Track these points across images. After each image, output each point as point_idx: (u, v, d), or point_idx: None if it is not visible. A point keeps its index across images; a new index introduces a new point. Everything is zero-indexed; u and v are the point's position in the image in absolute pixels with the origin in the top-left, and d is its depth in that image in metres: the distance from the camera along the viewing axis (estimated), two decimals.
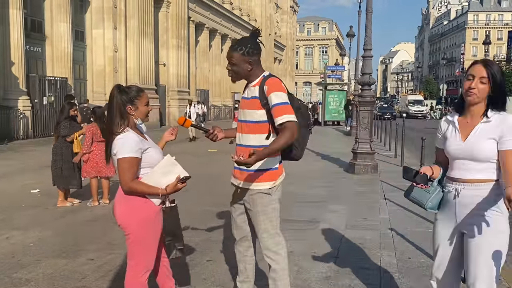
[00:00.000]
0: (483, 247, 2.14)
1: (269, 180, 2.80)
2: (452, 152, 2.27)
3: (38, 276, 3.80)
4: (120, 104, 2.63)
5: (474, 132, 2.21)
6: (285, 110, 2.65)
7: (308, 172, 9.53)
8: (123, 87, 2.74)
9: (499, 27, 79.14)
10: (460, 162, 2.24)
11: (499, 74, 2.19)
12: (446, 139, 2.32)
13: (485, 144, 2.16)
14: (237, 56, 2.73)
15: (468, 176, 2.21)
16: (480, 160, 2.18)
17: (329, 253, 4.38)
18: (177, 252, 2.74)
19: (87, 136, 6.30)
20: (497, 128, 2.15)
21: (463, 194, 2.22)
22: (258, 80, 2.79)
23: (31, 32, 18.29)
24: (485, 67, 2.20)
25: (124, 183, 2.58)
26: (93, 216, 5.90)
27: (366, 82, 9.39)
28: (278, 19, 60.98)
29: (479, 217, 2.16)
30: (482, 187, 2.18)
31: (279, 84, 2.75)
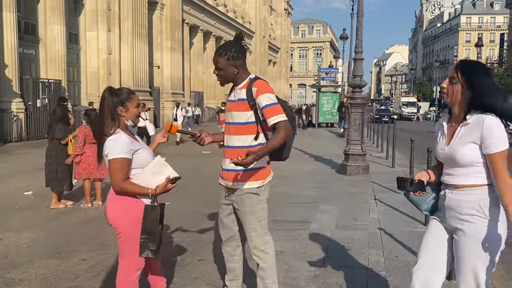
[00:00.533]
0: (466, 252, 2.13)
1: (257, 180, 2.88)
2: (440, 156, 2.27)
3: (31, 276, 3.85)
4: (111, 105, 2.71)
5: (455, 137, 2.18)
6: (276, 110, 2.74)
7: (301, 173, 9.64)
8: (114, 89, 2.81)
9: (491, 30, 79.86)
10: (446, 166, 2.24)
11: (474, 74, 2.13)
12: (437, 143, 2.32)
13: (466, 148, 2.12)
14: (222, 61, 2.80)
15: (453, 180, 2.20)
16: (463, 165, 2.14)
17: (318, 252, 4.46)
18: (149, 253, 2.72)
19: (79, 137, 6.35)
20: (476, 131, 2.09)
21: (449, 197, 2.22)
22: (245, 83, 2.85)
23: (25, 34, 18.29)
24: (456, 67, 2.19)
25: (115, 183, 2.64)
26: (86, 217, 5.95)
27: (357, 84, 9.51)
28: (273, 21, 61.17)
29: (463, 222, 2.15)
30: (466, 192, 2.15)
31: (266, 85, 2.82)
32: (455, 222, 2.20)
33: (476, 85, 2.11)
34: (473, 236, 2.11)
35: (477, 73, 2.13)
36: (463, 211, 2.16)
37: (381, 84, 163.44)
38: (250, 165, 2.61)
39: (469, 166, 2.14)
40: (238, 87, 2.88)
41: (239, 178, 2.87)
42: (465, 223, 2.15)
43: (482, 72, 2.15)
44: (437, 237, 2.32)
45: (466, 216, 2.15)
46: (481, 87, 2.10)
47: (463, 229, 2.15)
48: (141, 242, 2.74)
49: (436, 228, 2.34)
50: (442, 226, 2.32)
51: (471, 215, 2.13)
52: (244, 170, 2.84)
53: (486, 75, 2.15)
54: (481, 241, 2.10)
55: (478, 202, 2.13)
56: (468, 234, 2.13)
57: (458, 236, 2.18)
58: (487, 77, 2.14)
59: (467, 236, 2.13)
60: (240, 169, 2.82)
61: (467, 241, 2.13)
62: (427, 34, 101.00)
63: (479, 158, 2.12)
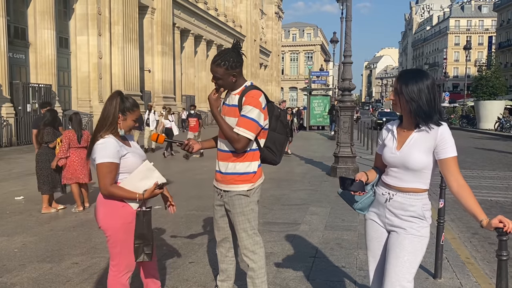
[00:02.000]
0: (407, 246, 2.24)
1: (247, 182, 2.95)
2: (388, 160, 2.34)
3: (23, 280, 3.87)
4: (116, 110, 2.76)
5: (407, 142, 2.25)
6: (248, 125, 2.80)
7: (292, 176, 9.72)
8: (123, 95, 2.86)
9: (480, 33, 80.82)
10: (394, 170, 2.32)
11: (409, 84, 2.20)
12: (385, 146, 2.39)
13: (417, 154, 2.21)
14: (221, 71, 2.84)
15: (400, 184, 2.29)
16: (412, 170, 2.24)
17: (308, 252, 4.53)
18: (144, 257, 2.79)
19: (64, 141, 6.37)
20: (429, 138, 2.19)
21: (394, 199, 2.31)
22: (240, 90, 2.92)
23: (14, 39, 18.22)
24: (397, 79, 2.29)
25: (104, 187, 2.69)
26: (78, 221, 5.97)
27: (346, 87, 9.63)
28: (263, 25, 61.41)
29: (406, 222, 2.27)
30: (412, 196, 2.27)
31: (256, 98, 2.85)
32: (396, 221, 2.31)
33: (411, 94, 2.20)
34: (413, 234, 2.26)
35: (412, 83, 2.21)
36: (406, 213, 2.28)
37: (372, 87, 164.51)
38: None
39: (418, 172, 2.25)
40: (233, 92, 2.94)
41: (230, 180, 2.94)
42: (407, 223, 2.28)
43: (417, 81, 2.21)
44: (379, 241, 2.43)
45: (408, 218, 2.28)
46: (417, 97, 2.19)
47: (405, 227, 2.28)
48: (135, 247, 2.79)
49: (376, 233, 2.45)
50: (379, 227, 2.42)
51: (413, 217, 2.27)
52: (234, 173, 2.91)
53: (421, 83, 2.20)
54: (419, 239, 2.26)
55: (421, 206, 2.27)
56: (408, 231, 2.26)
57: (398, 232, 2.30)
58: (421, 85, 2.19)
59: (408, 233, 2.26)
60: (232, 172, 2.89)
61: (408, 238, 2.26)
62: (417, 37, 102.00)
63: (430, 165, 2.24)
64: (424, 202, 2.28)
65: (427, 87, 2.20)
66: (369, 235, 2.48)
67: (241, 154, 2.91)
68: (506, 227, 1.99)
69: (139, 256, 2.78)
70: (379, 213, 2.41)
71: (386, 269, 2.29)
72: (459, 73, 75.63)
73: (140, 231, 2.76)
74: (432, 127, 2.20)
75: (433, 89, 2.22)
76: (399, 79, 2.27)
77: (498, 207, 7.01)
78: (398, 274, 2.22)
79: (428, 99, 2.19)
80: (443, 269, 3.96)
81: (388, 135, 2.39)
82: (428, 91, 2.20)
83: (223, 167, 2.92)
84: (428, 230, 2.30)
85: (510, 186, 8.99)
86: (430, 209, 2.31)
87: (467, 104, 41.47)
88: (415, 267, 2.25)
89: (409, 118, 2.27)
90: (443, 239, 3.92)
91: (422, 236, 2.26)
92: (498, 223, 2.01)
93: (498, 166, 12.07)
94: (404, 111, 2.27)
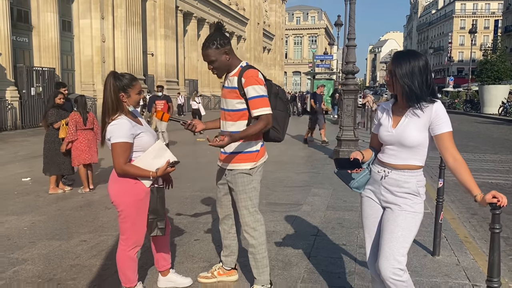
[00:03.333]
0: (401, 222, 2.32)
1: (250, 161, 3.04)
2: (384, 138, 2.40)
3: (33, 256, 4.01)
4: (115, 90, 2.83)
5: (403, 121, 2.32)
6: (261, 103, 2.87)
7: (296, 159, 9.82)
8: (118, 74, 2.93)
9: (486, 16, 79.77)
10: (390, 147, 2.38)
11: (402, 66, 2.25)
12: (381, 125, 2.45)
13: (413, 132, 2.28)
14: (212, 52, 2.89)
15: (396, 161, 2.35)
16: (408, 147, 2.31)
17: (310, 231, 4.65)
18: (158, 231, 2.93)
19: (70, 124, 6.46)
20: (424, 116, 2.25)
21: (390, 176, 2.38)
22: (237, 71, 2.97)
23: (18, 22, 18.18)
24: (391, 61, 2.35)
25: (118, 166, 2.80)
26: (84, 201, 6.10)
27: (350, 71, 9.63)
28: (267, 8, 60.82)
29: (401, 198, 2.35)
30: (407, 173, 2.33)
31: (255, 76, 2.91)
32: (391, 198, 2.39)
33: (404, 77, 2.25)
34: (407, 210, 2.33)
35: (405, 65, 2.25)
36: (401, 189, 2.35)
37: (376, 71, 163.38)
38: (225, 146, 2.76)
39: (414, 149, 2.31)
40: (230, 74, 2.99)
41: (234, 159, 3.04)
42: (401, 199, 2.35)
43: (410, 63, 2.25)
44: (375, 217, 2.51)
45: (403, 194, 2.35)
46: (409, 80, 2.24)
47: (400, 203, 2.35)
48: (149, 222, 2.92)
49: (372, 210, 2.52)
50: (376, 204, 2.50)
51: (408, 193, 2.34)
52: (237, 153, 3.00)
53: (414, 65, 2.25)
54: (412, 215, 2.33)
55: (416, 182, 2.33)
56: (403, 207, 2.34)
57: (392, 209, 2.38)
58: (414, 68, 2.24)
59: (403, 209, 2.34)
60: (235, 151, 2.99)
61: (402, 214, 2.34)
62: (422, 21, 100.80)
63: (425, 141, 2.30)
64: (419, 179, 2.35)
65: (419, 69, 2.24)
66: (365, 212, 2.56)
67: None
68: (499, 202, 2.07)
69: (153, 230, 2.92)
70: (375, 190, 2.48)
71: (381, 244, 2.37)
72: (464, 57, 74.92)
73: (154, 207, 2.89)
74: (426, 105, 2.26)
75: (425, 70, 2.26)
76: (393, 61, 2.33)
77: (497, 189, 7.03)
78: (392, 249, 2.30)
79: (420, 81, 2.24)
80: (442, 247, 4.06)
81: (383, 114, 2.46)
82: (420, 73, 2.24)
83: (227, 147, 2.99)
84: (422, 206, 2.38)
85: (511, 169, 9.06)
86: (424, 186, 2.38)
87: (471, 88, 41.20)
88: (409, 242, 2.33)
89: (402, 98, 2.33)
90: (442, 218, 4.02)
91: (416, 212, 2.34)
92: (491, 198, 2.09)
93: (500, 150, 12.11)
94: (398, 91, 2.33)
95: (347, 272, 3.60)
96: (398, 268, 2.28)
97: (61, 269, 3.70)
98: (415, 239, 4.32)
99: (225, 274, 3.39)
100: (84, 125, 6.55)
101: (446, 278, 3.48)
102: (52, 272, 3.63)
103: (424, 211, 2.40)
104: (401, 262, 2.29)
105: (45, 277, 3.53)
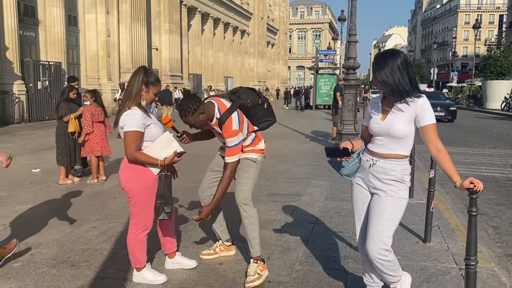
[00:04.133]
0: (387, 206, 2.54)
1: (257, 153, 3.45)
2: (373, 129, 2.62)
3: (48, 240, 4.26)
4: (142, 82, 3.08)
5: (391, 114, 2.52)
6: (232, 152, 3.26)
7: (297, 153, 10.04)
8: (148, 70, 3.21)
9: (491, 11, 79.34)
10: (379, 138, 2.60)
11: (381, 68, 2.43)
12: (371, 118, 2.66)
13: (400, 124, 2.48)
14: (191, 118, 3.18)
15: (384, 151, 2.56)
16: (395, 138, 2.51)
17: (308, 220, 4.88)
18: (164, 215, 3.17)
19: (86, 116, 6.70)
20: (410, 109, 2.45)
21: (377, 165, 2.59)
22: (215, 121, 3.29)
23: (24, 17, 18.41)
24: (372, 63, 2.58)
25: (129, 153, 3.04)
26: (93, 191, 6.35)
27: (351, 66, 9.83)
28: (271, 2, 60.78)
29: (387, 185, 2.56)
30: (393, 162, 2.54)
31: (230, 128, 3.21)
32: (378, 184, 2.60)
33: (384, 78, 2.45)
34: (392, 196, 2.55)
35: (384, 66, 2.44)
36: (387, 176, 2.57)
37: None
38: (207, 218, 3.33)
39: (401, 139, 2.52)
40: (212, 123, 3.32)
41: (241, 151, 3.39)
42: (388, 186, 2.57)
43: (388, 63, 2.43)
44: (364, 202, 2.74)
45: (389, 181, 2.56)
46: (390, 79, 2.42)
47: (386, 190, 2.57)
48: (157, 207, 3.17)
49: (361, 195, 2.75)
50: (365, 190, 2.72)
51: (394, 180, 2.56)
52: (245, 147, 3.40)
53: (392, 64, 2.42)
54: (398, 201, 2.56)
55: (401, 170, 2.55)
56: (389, 193, 2.56)
57: (379, 194, 2.61)
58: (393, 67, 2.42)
59: (388, 195, 2.56)
60: None
61: (388, 199, 2.56)
62: (426, 16, 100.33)
63: (411, 133, 2.52)
64: (404, 167, 2.57)
65: (397, 67, 2.42)
66: (355, 198, 2.79)
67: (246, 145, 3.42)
68: (476, 187, 2.29)
69: (160, 214, 3.17)
70: (364, 177, 2.71)
71: (369, 227, 2.60)
72: (468, 52, 74.65)
73: (161, 192, 3.14)
74: (412, 100, 2.47)
75: (404, 67, 2.43)
76: (374, 62, 2.54)
77: (493, 182, 7.29)
78: (379, 231, 2.53)
79: (400, 77, 2.42)
80: (434, 235, 4.29)
81: (374, 108, 2.67)
82: (399, 70, 2.42)
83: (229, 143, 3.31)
84: (407, 193, 2.60)
85: (508, 163, 9.25)
86: (409, 174, 2.60)
87: (474, 84, 41.18)
88: (395, 225, 2.56)
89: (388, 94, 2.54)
90: (433, 206, 4.24)
91: (401, 198, 2.56)
92: (469, 184, 2.31)
93: (499, 144, 12.29)
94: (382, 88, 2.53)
95: (342, 257, 3.83)
96: (383, 248, 2.51)
97: (74, 252, 3.95)
98: (408, 227, 4.59)
99: (226, 250, 3.74)
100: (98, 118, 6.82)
101: (435, 263, 3.71)
102: (66, 255, 3.89)
103: (418, 202, 2.63)
104: (387, 243, 2.52)
105: (60, 259, 3.79)
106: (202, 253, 3.75)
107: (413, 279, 3.30)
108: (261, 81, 51.98)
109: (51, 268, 3.60)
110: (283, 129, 15.07)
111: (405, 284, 2.77)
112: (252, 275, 3.26)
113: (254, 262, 3.35)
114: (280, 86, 58.81)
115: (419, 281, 3.35)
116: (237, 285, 3.29)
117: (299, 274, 3.47)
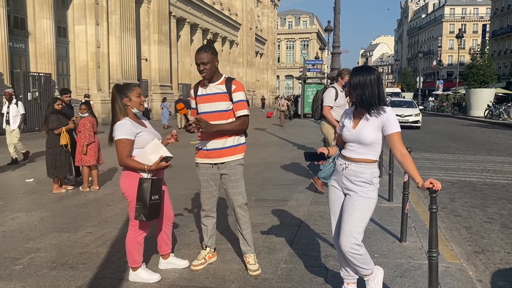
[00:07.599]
0: (358, 205, 2.85)
1: (241, 152, 3.69)
2: (346, 137, 2.94)
3: (46, 245, 4.48)
4: (120, 97, 3.37)
5: (361, 123, 2.85)
6: (245, 106, 3.56)
7: (284, 160, 10.35)
8: (120, 85, 3.48)
9: (474, 20, 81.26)
10: (351, 144, 2.92)
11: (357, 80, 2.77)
12: (344, 126, 2.99)
13: (368, 132, 2.80)
14: (208, 56, 3.48)
15: (355, 156, 2.88)
16: (365, 144, 2.82)
17: (293, 223, 5.17)
18: (142, 217, 3.33)
19: (88, 127, 6.93)
20: (378, 119, 2.77)
21: (349, 168, 2.90)
22: (223, 80, 3.59)
23: (14, 28, 18.59)
24: (349, 77, 2.93)
25: (120, 159, 3.32)
26: (87, 200, 6.57)
27: (334, 77, 10.19)
28: (259, 13, 61.51)
29: (358, 186, 2.87)
30: (363, 165, 2.85)
31: (242, 86, 3.60)
32: (351, 186, 2.91)
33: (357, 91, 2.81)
34: (363, 196, 2.86)
35: (358, 80, 2.80)
36: (358, 179, 2.88)
37: None
38: (202, 128, 3.37)
39: (370, 146, 2.83)
40: (216, 83, 3.59)
41: (230, 152, 3.62)
42: (359, 187, 2.87)
43: (362, 78, 2.77)
44: (338, 202, 3.04)
45: (360, 183, 2.87)
46: (361, 92, 2.78)
47: (357, 190, 2.88)
48: (136, 208, 3.38)
49: (336, 196, 3.05)
50: (339, 191, 3.03)
51: (364, 182, 2.86)
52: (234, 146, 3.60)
53: (365, 81, 2.76)
54: (367, 200, 2.86)
55: (370, 173, 2.87)
56: (360, 194, 2.87)
57: (351, 195, 2.92)
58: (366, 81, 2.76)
59: (359, 195, 2.87)
60: (231, 145, 3.60)
61: (359, 199, 2.86)
62: (412, 25, 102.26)
63: (379, 140, 2.85)
64: (373, 171, 2.88)
65: (370, 82, 2.79)
66: (331, 198, 3.10)
67: None
68: (434, 187, 2.61)
69: (138, 215, 3.34)
70: (338, 179, 3.02)
71: (342, 224, 2.91)
72: (454, 61, 76.17)
73: (140, 195, 3.30)
74: (379, 112, 2.80)
75: (376, 83, 2.80)
76: (350, 75, 2.89)
77: (470, 187, 7.67)
78: (350, 227, 2.83)
79: (370, 91, 2.78)
80: (410, 235, 4.60)
81: (346, 118, 3.00)
82: (371, 85, 2.78)
83: (221, 143, 3.57)
84: (376, 193, 2.92)
85: (485, 168, 9.65)
86: (378, 177, 2.91)
87: (459, 92, 42.08)
88: (365, 222, 2.86)
89: (358, 105, 2.88)
90: (408, 208, 4.56)
91: (370, 198, 2.88)
92: (429, 184, 2.63)
93: (479, 151, 12.73)
94: (354, 99, 2.87)
95: (324, 256, 4.12)
96: (355, 243, 2.81)
97: (71, 256, 4.18)
98: (386, 228, 4.90)
99: (212, 256, 3.98)
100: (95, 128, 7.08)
101: (409, 260, 4.01)
102: (64, 258, 4.11)
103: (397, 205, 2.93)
104: (358, 239, 2.82)
105: (59, 262, 4.01)
106: (193, 264, 3.84)
107: (388, 274, 3.61)
108: (250, 90, 52.40)
109: (51, 270, 3.83)
110: (272, 137, 15.41)
111: (378, 277, 3.06)
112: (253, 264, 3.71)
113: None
114: (269, 95, 59.28)
115: (393, 276, 3.65)
116: (226, 282, 3.55)
117: (284, 271, 3.75)
